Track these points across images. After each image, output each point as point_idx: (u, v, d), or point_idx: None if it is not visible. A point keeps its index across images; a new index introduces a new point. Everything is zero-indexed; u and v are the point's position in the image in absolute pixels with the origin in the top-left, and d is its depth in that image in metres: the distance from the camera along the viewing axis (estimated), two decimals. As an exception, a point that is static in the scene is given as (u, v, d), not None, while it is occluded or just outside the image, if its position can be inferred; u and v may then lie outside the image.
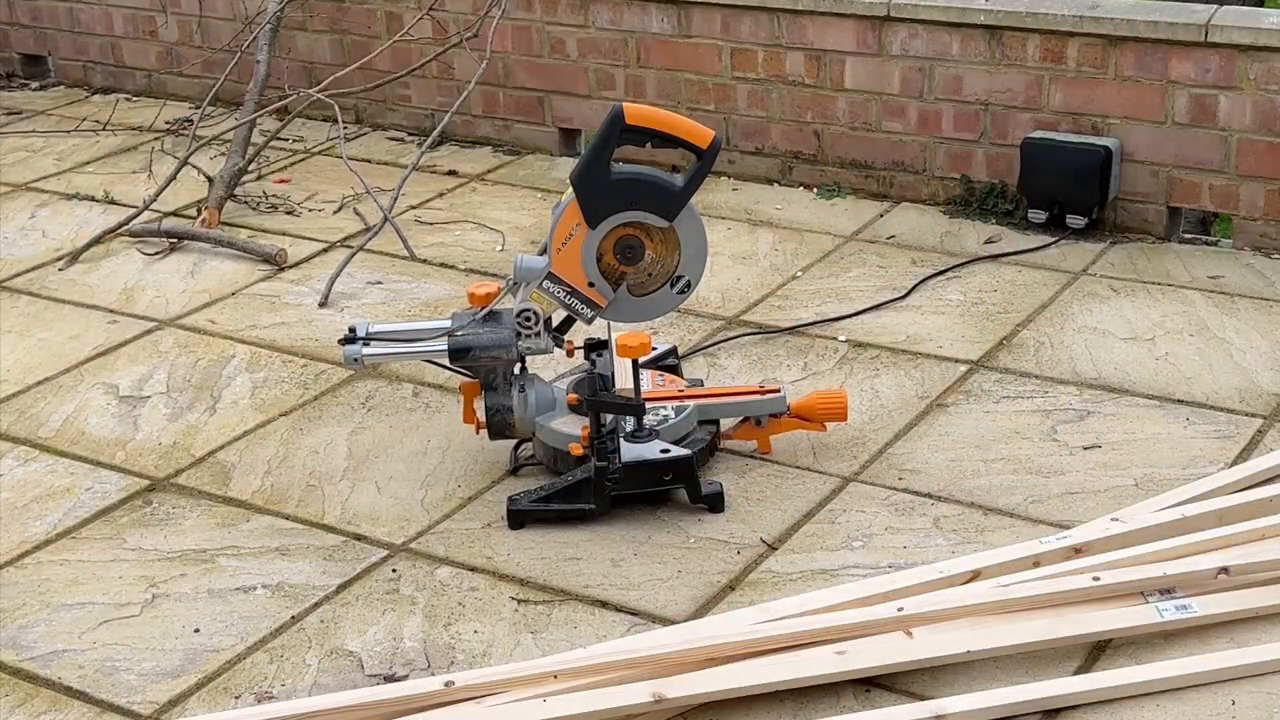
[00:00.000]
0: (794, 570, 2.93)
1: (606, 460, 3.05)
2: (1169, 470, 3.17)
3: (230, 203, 4.76)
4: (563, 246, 3.11)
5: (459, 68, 5.14)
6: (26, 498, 3.31)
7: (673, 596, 2.85)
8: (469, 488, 3.27)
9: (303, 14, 5.42)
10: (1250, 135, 4.11)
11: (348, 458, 3.40)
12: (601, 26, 4.90)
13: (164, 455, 3.45)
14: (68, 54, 6.09)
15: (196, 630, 2.85)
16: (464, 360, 3.17)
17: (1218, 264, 4.07)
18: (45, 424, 3.60)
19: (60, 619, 2.91)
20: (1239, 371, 3.56)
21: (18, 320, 4.14)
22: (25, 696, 2.71)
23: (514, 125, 5.19)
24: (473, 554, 3.04)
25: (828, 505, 3.13)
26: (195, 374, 3.80)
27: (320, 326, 4.01)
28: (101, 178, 5.10)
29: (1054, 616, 2.66)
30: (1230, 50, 4.06)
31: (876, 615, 2.65)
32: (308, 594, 2.94)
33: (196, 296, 4.22)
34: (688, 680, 2.54)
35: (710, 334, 3.88)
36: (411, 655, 2.76)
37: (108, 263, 4.47)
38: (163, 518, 3.22)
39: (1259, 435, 3.29)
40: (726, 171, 4.81)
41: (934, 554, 2.93)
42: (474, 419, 3.25)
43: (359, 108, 5.44)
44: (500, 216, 4.66)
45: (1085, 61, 4.23)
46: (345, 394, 3.67)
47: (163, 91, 5.88)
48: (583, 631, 2.79)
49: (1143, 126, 4.21)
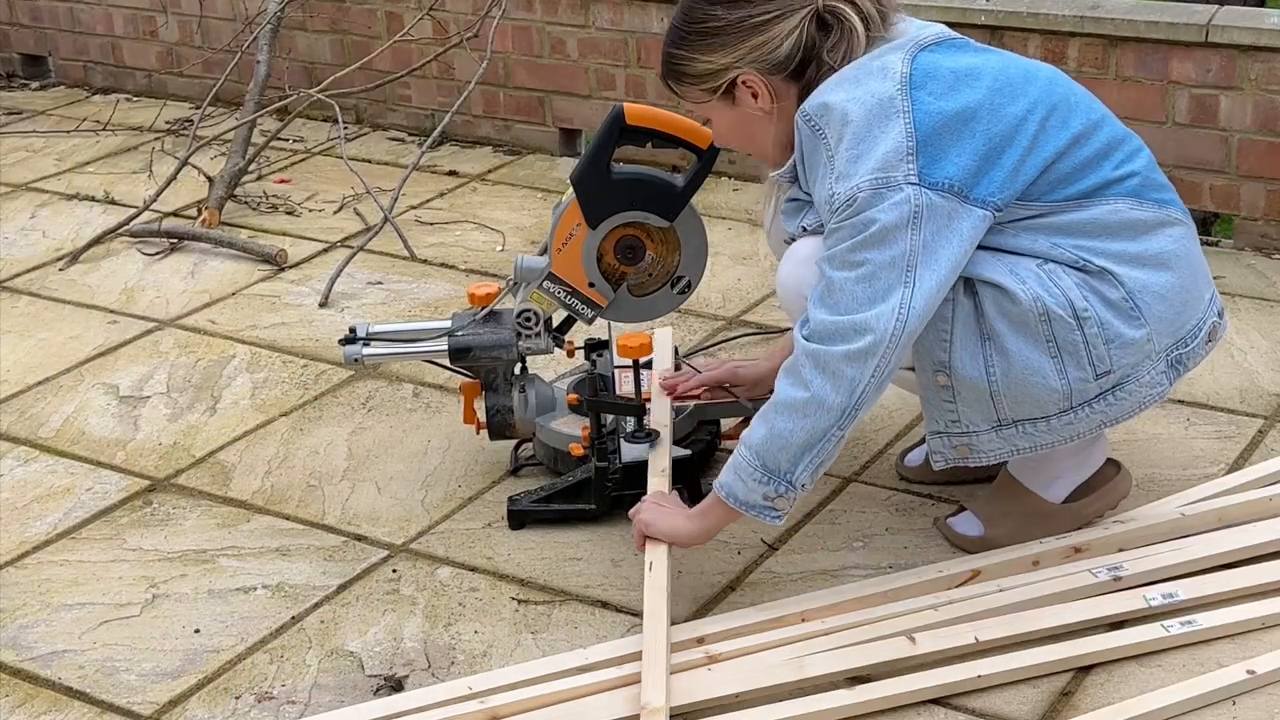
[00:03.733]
0: (794, 570, 2.93)
1: (607, 461, 3.04)
2: (1169, 470, 3.17)
3: (230, 203, 4.76)
4: (563, 247, 3.11)
5: (459, 68, 5.14)
6: (26, 498, 3.31)
7: (673, 597, 2.85)
8: (469, 488, 3.27)
9: (303, 14, 5.42)
10: (1251, 135, 4.11)
11: (348, 458, 3.40)
12: (602, 26, 4.90)
13: (164, 455, 3.45)
14: (68, 54, 6.09)
15: (197, 630, 2.85)
16: (464, 360, 3.17)
17: (1218, 264, 4.07)
18: (45, 424, 3.60)
19: (60, 619, 2.91)
20: (1240, 371, 3.56)
21: (18, 320, 4.14)
22: (25, 696, 2.71)
23: (514, 125, 5.19)
24: (473, 554, 3.04)
25: (828, 505, 3.13)
26: (195, 374, 3.80)
27: (320, 326, 4.01)
28: (102, 178, 5.11)
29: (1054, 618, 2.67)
30: (1231, 50, 4.06)
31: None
32: (308, 594, 2.94)
33: (196, 297, 4.22)
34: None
35: (711, 334, 3.88)
36: (412, 655, 2.75)
37: (108, 263, 4.47)
38: (163, 518, 3.22)
39: (1260, 435, 3.29)
40: (727, 172, 4.80)
41: (935, 554, 2.93)
42: (474, 419, 3.25)
43: (359, 108, 5.44)
44: (500, 216, 4.66)
45: (1086, 61, 4.23)
46: (345, 394, 3.67)
47: (163, 91, 5.88)
48: (583, 632, 2.79)
49: (1143, 126, 4.20)
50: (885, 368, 2.58)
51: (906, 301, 2.57)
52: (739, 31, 2.70)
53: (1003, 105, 2.64)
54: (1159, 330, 2.70)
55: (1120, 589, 2.73)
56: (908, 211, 2.56)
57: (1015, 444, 2.75)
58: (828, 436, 2.60)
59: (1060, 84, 2.76)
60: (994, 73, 2.68)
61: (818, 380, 2.58)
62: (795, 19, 2.70)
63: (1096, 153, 2.71)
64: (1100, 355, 2.67)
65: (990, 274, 2.66)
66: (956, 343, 2.68)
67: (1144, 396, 2.74)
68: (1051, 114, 2.68)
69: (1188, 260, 2.75)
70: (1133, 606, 2.69)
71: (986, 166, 2.61)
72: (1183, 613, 2.68)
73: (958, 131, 2.60)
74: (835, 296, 2.59)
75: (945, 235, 2.58)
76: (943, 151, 2.59)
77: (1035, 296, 2.64)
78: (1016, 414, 2.71)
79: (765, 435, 2.64)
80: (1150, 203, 2.73)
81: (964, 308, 2.68)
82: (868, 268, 2.57)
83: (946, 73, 2.65)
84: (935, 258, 2.58)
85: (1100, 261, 2.67)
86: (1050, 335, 2.65)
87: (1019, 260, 2.68)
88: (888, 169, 2.57)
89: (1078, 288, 2.66)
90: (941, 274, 2.59)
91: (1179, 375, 2.77)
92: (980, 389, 2.69)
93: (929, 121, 2.59)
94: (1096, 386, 2.69)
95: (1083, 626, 2.66)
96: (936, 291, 2.59)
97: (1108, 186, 2.70)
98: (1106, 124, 2.76)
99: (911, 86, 2.61)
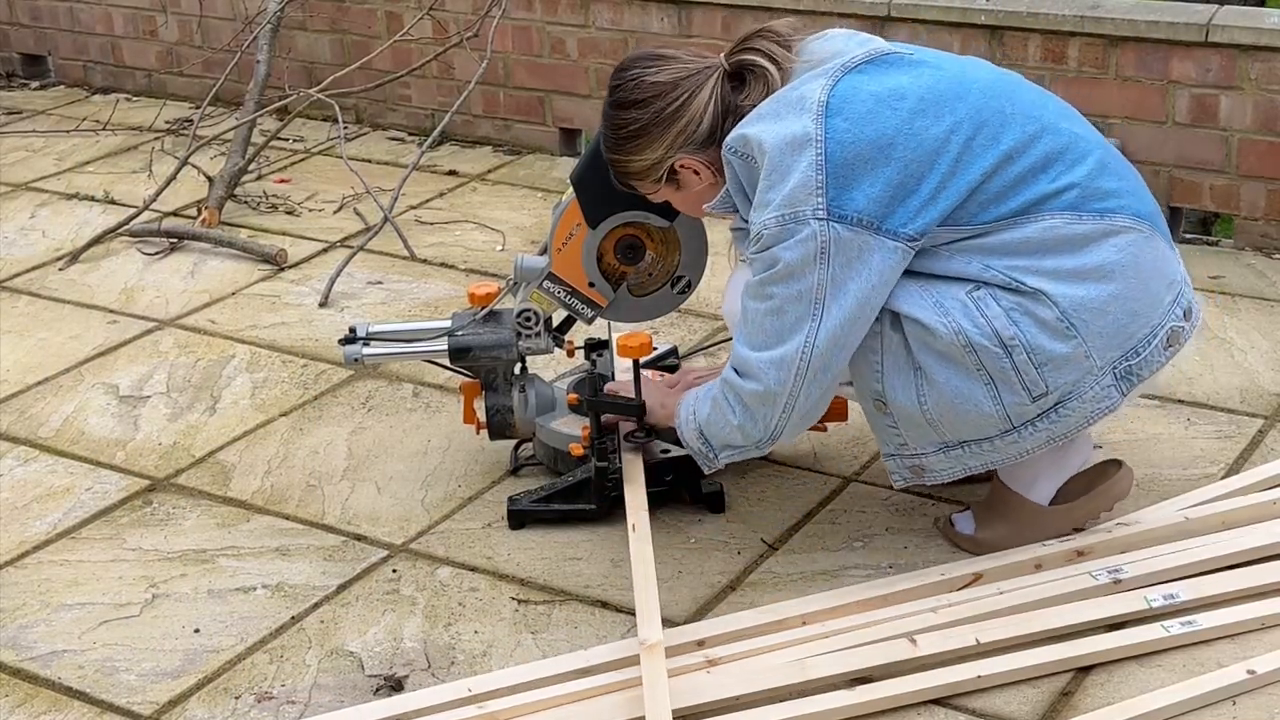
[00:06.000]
0: (795, 571, 2.92)
1: (607, 461, 3.04)
2: (1170, 471, 3.16)
3: (230, 203, 4.76)
4: (563, 246, 3.11)
5: (459, 68, 5.14)
6: (26, 498, 3.31)
7: (673, 597, 2.85)
8: (469, 488, 3.26)
9: (303, 14, 5.42)
10: (1251, 135, 4.10)
11: (348, 458, 3.40)
12: (602, 26, 4.90)
13: (164, 455, 3.45)
14: (68, 54, 6.09)
15: (196, 630, 2.85)
16: (464, 360, 3.17)
17: (1218, 264, 4.07)
18: (45, 424, 3.60)
19: (60, 619, 2.90)
20: (1240, 371, 3.56)
21: (18, 320, 4.14)
22: (25, 696, 2.71)
23: (514, 125, 5.19)
24: (473, 554, 3.04)
25: (828, 506, 3.13)
26: (195, 374, 3.80)
27: (320, 326, 4.01)
28: (101, 178, 5.10)
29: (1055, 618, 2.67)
30: (1231, 50, 4.06)
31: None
32: (308, 594, 2.94)
33: (196, 296, 4.22)
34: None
35: (711, 334, 3.87)
36: (412, 655, 2.75)
37: (108, 263, 4.47)
38: (163, 518, 3.22)
39: (1260, 435, 3.29)
40: (727, 171, 4.80)
41: (935, 555, 2.92)
42: (474, 419, 3.24)
43: (359, 108, 5.44)
44: (500, 216, 4.66)
45: (1086, 61, 4.23)
46: (345, 394, 3.67)
47: (163, 91, 5.88)
48: (583, 632, 2.79)
49: (1143, 126, 4.21)
50: (795, 404, 2.67)
51: (812, 338, 2.61)
52: (657, 125, 2.75)
53: (924, 128, 2.60)
54: (1099, 346, 2.65)
55: (1120, 591, 2.73)
56: (813, 248, 2.57)
57: (966, 463, 2.76)
58: (746, 450, 2.79)
59: (997, 96, 2.68)
60: (920, 93, 2.63)
61: (738, 409, 2.73)
62: (706, 90, 2.73)
63: (1030, 167, 2.64)
64: (1033, 379, 2.64)
65: (911, 309, 2.64)
66: (888, 374, 2.70)
67: (1091, 411, 2.70)
68: (979, 131, 2.62)
69: (1136, 268, 2.65)
70: (1133, 607, 2.69)
71: (901, 195, 2.58)
72: (1183, 613, 2.67)
73: (871, 160, 2.57)
74: (749, 328, 2.69)
75: (855, 268, 2.58)
76: (854, 182, 2.56)
77: (958, 329, 2.61)
78: (959, 436, 2.72)
79: (709, 412, 2.79)
80: (1091, 214, 2.64)
81: (892, 340, 2.68)
82: (775, 301, 2.63)
83: (866, 97, 2.61)
84: (843, 291, 2.59)
85: (1033, 281, 2.62)
86: (979, 364, 2.63)
87: (947, 289, 2.64)
88: (795, 203, 2.57)
89: (1007, 314, 2.61)
90: (848, 308, 2.59)
91: (1133, 385, 2.71)
92: (916, 417, 2.71)
93: (841, 152, 2.56)
94: (1036, 408, 2.67)
95: (1083, 627, 2.66)
96: (844, 325, 2.60)
97: (1043, 201, 2.63)
98: (1046, 134, 2.66)
99: (828, 114, 2.58)
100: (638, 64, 2.79)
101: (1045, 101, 2.76)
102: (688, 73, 2.75)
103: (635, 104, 2.76)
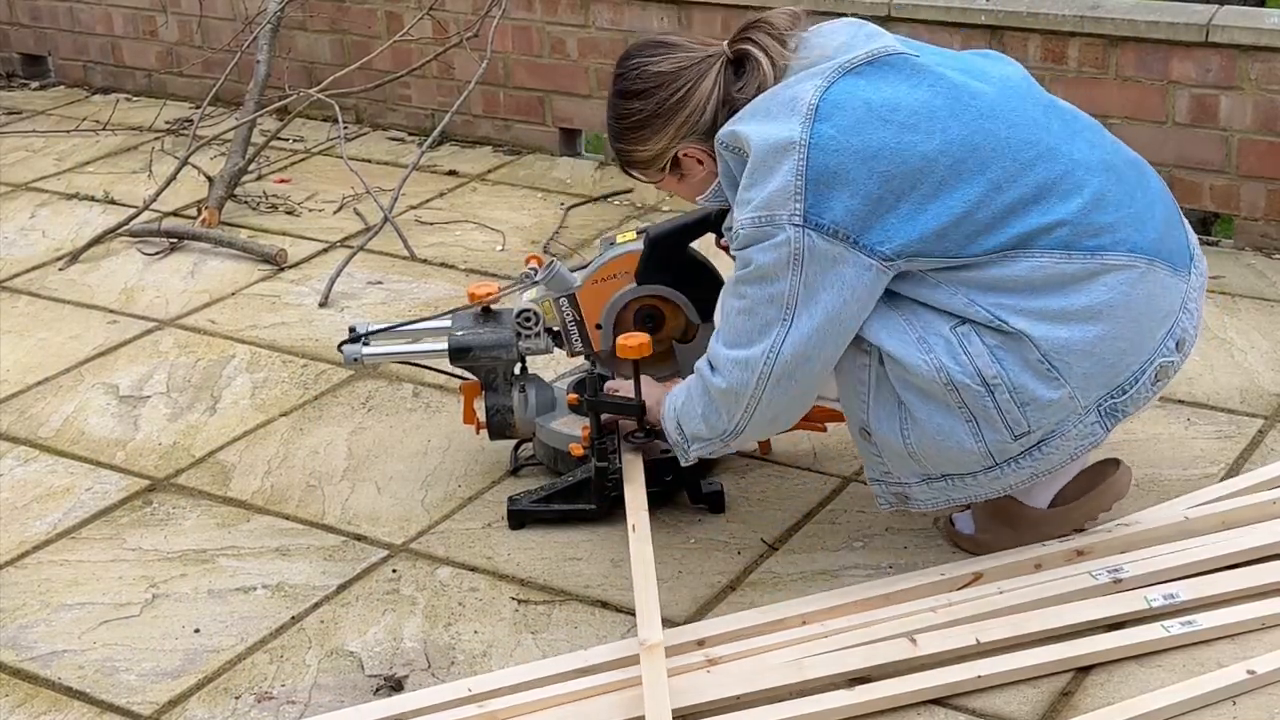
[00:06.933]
0: (795, 571, 2.92)
1: (607, 461, 3.04)
2: (1170, 471, 3.16)
3: (230, 203, 4.76)
4: (599, 283, 3.11)
5: (459, 68, 5.14)
6: (26, 498, 3.31)
7: (673, 597, 2.85)
8: (469, 488, 3.26)
9: (303, 14, 5.42)
10: (1251, 135, 4.11)
11: (348, 458, 3.40)
12: (602, 26, 4.90)
13: (164, 455, 3.45)
14: (68, 54, 6.09)
15: (196, 630, 2.85)
16: (464, 360, 3.17)
17: (1218, 264, 4.07)
18: (45, 424, 3.60)
19: (60, 619, 2.91)
20: (1240, 372, 3.56)
21: (18, 320, 4.14)
22: (25, 696, 2.71)
23: (514, 125, 5.19)
24: (473, 554, 3.04)
25: (828, 506, 3.13)
26: (195, 374, 3.80)
27: (320, 326, 4.01)
28: (101, 178, 5.10)
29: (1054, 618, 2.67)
30: (1231, 50, 4.06)
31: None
32: (308, 594, 2.94)
33: (196, 296, 4.22)
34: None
35: (711, 334, 3.87)
36: (411, 655, 2.75)
37: (108, 263, 4.47)
38: (163, 518, 3.22)
39: (1260, 436, 3.29)
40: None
41: (935, 555, 2.92)
42: (474, 419, 3.24)
43: (359, 108, 5.44)
44: (500, 216, 4.66)
45: (1086, 61, 4.23)
46: (345, 394, 3.67)
47: (163, 91, 5.88)
48: (583, 632, 2.79)
49: (1143, 126, 4.21)
50: (758, 407, 2.68)
51: (778, 344, 2.61)
52: (661, 115, 2.75)
53: (913, 145, 2.55)
54: (1083, 387, 2.62)
55: (1120, 591, 2.73)
56: (786, 253, 2.56)
57: (948, 495, 2.76)
58: (713, 443, 2.80)
59: (994, 117, 2.60)
60: (914, 106, 2.59)
61: (703, 401, 2.75)
62: (709, 80, 2.72)
63: (1021, 199, 2.58)
64: (1016, 419, 2.63)
65: (894, 346, 2.62)
66: (872, 406, 2.71)
67: (1075, 448, 2.69)
68: (970, 156, 2.57)
69: (1127, 307, 2.60)
70: (1133, 607, 2.69)
71: (880, 210, 2.55)
72: (1183, 613, 2.67)
73: (853, 172, 2.54)
74: (724, 323, 2.70)
75: (828, 279, 2.57)
76: (833, 192, 2.54)
77: (939, 367, 2.60)
78: (941, 470, 2.72)
79: (683, 402, 2.81)
80: (1082, 253, 2.58)
81: (877, 373, 2.68)
82: (747, 301, 2.63)
83: (859, 104, 2.58)
84: (815, 301, 2.58)
85: (1017, 322, 2.58)
86: (961, 402, 2.62)
87: (931, 324, 2.62)
88: (772, 207, 2.56)
89: (990, 353, 2.59)
90: (818, 319, 2.58)
91: (1117, 421, 2.69)
92: (899, 449, 2.72)
93: (823, 160, 2.54)
94: (1018, 446, 2.66)
95: (1083, 627, 2.66)
96: (812, 336, 2.59)
97: (1034, 236, 2.58)
98: (1041, 163, 2.60)
99: (816, 119, 2.56)
100: (641, 52, 2.79)
101: (1048, 121, 2.68)
102: (690, 61, 2.74)
103: (638, 94, 2.75)
